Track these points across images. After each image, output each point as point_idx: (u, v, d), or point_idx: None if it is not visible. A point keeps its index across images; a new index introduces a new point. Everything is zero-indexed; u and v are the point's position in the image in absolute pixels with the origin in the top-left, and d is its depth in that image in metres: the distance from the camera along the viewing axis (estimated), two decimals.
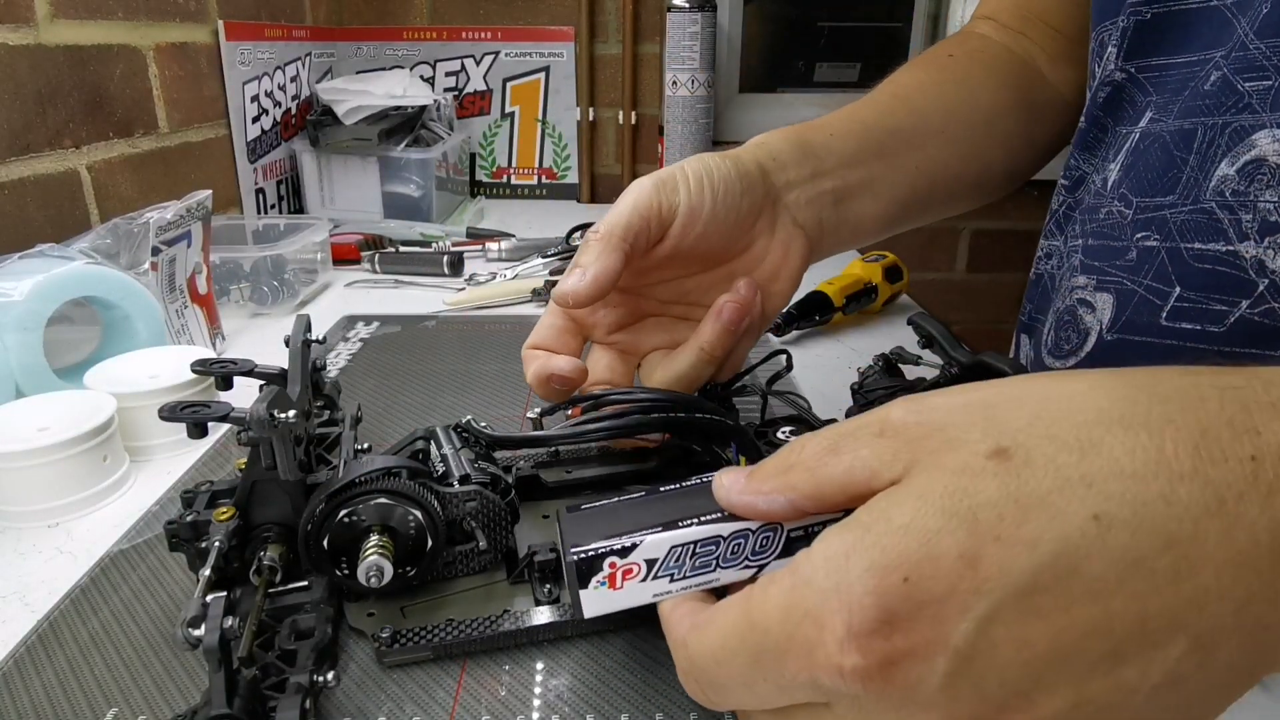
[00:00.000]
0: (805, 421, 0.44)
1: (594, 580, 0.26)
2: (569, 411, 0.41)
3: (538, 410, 0.41)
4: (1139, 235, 0.47)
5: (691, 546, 0.26)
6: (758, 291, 0.43)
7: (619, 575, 0.26)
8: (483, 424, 0.40)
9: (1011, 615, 0.19)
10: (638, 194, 0.40)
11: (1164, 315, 0.46)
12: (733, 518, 0.26)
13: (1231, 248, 0.43)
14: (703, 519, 0.26)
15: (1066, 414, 0.20)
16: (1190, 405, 0.20)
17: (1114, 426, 0.20)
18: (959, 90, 0.56)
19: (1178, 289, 0.45)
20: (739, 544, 0.26)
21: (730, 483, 0.26)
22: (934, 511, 0.19)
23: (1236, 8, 0.42)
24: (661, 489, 0.30)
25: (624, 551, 0.26)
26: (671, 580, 0.26)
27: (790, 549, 0.26)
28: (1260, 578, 0.19)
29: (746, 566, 0.26)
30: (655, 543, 0.26)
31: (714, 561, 0.26)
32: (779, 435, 0.41)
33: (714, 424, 0.39)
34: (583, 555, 0.26)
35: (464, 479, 0.36)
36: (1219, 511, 0.18)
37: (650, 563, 0.26)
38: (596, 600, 0.26)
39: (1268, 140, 0.41)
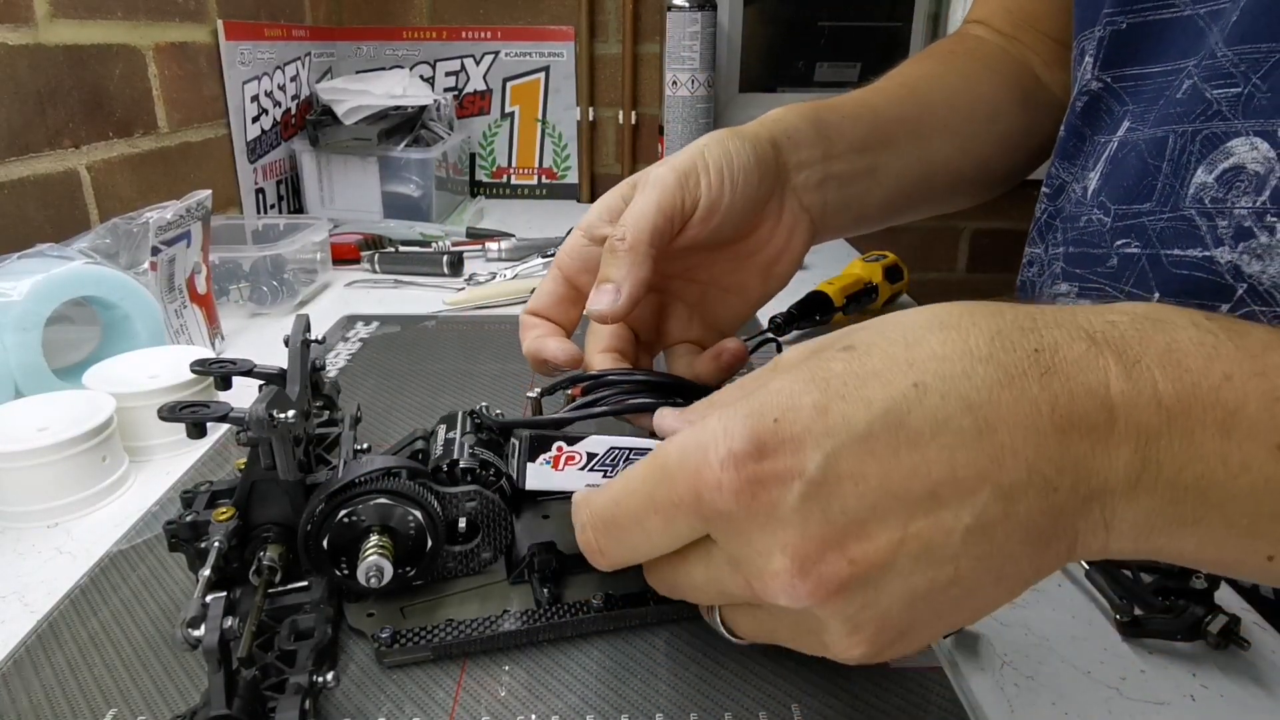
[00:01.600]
0: None
1: (542, 457, 0.30)
2: (570, 391, 0.41)
3: (539, 390, 0.41)
4: (1119, 242, 0.48)
5: (626, 452, 0.31)
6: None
7: (562, 459, 0.30)
8: (497, 411, 0.41)
9: (852, 453, 0.23)
10: (661, 191, 0.39)
11: None
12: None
13: (1207, 253, 0.43)
14: (641, 439, 0.31)
15: (897, 325, 0.26)
16: (991, 315, 0.25)
17: (932, 329, 0.25)
18: (963, 85, 0.56)
19: (1157, 295, 0.46)
20: None
21: (667, 412, 0.31)
22: (798, 379, 0.25)
23: (1210, 17, 0.43)
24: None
25: (572, 440, 0.30)
26: (603, 477, 0.30)
27: None
28: (1043, 439, 0.23)
29: None
30: (598, 440, 0.30)
31: None
32: None
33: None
34: (538, 434, 0.30)
35: (452, 464, 0.36)
36: (1008, 384, 0.23)
37: (590, 455, 0.30)
38: (538, 475, 0.30)
39: (1245, 148, 0.41)
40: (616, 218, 0.41)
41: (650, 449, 0.30)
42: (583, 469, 0.30)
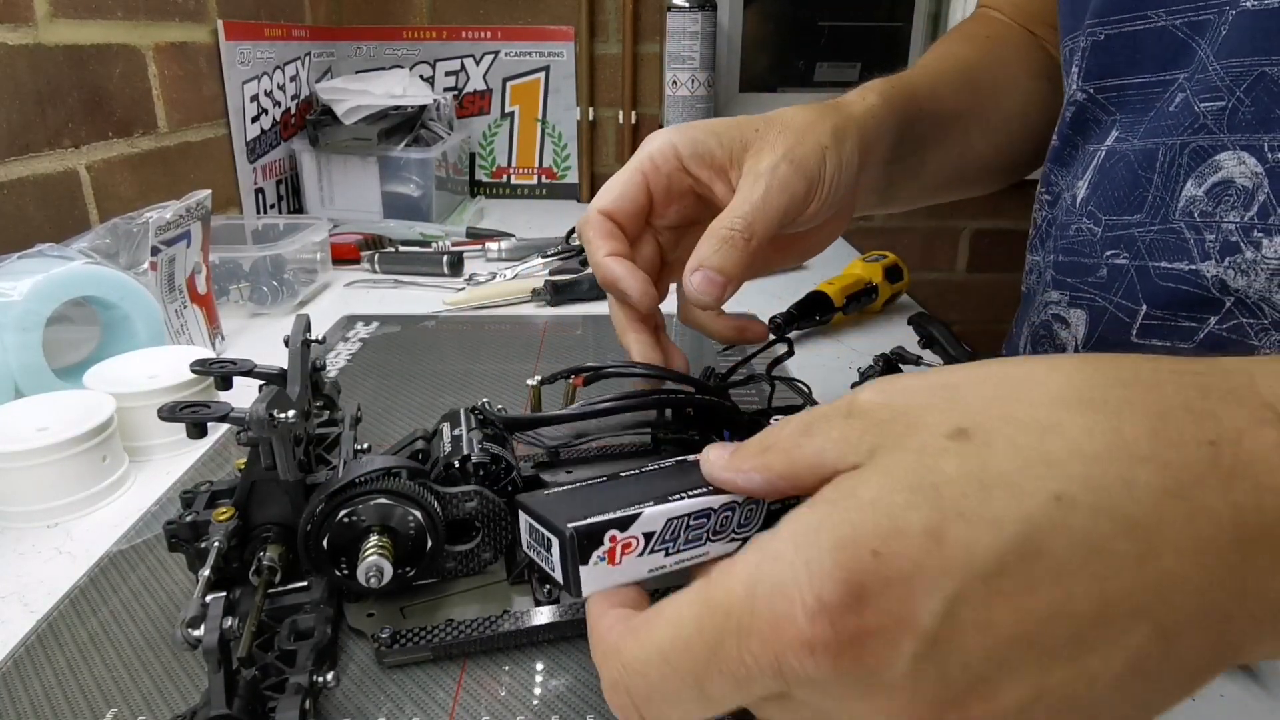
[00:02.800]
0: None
1: (595, 555, 0.25)
2: (571, 380, 0.41)
3: (539, 379, 0.41)
4: (1109, 253, 0.48)
5: (686, 519, 0.26)
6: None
7: (618, 550, 0.25)
8: (499, 407, 0.41)
9: (977, 596, 0.18)
10: (790, 198, 0.37)
11: (1134, 332, 0.47)
12: (719, 491, 0.26)
13: (1194, 267, 0.43)
14: (692, 493, 0.26)
15: (1024, 395, 0.20)
16: (1148, 388, 0.20)
17: (1071, 407, 0.20)
18: (1004, 76, 0.56)
19: (1145, 306, 0.46)
20: (727, 516, 0.26)
21: (715, 457, 0.26)
22: (899, 487, 0.19)
23: (1190, 29, 0.42)
24: (622, 474, 0.30)
25: (624, 524, 0.25)
26: (666, 554, 0.26)
27: (770, 522, 0.26)
28: (1223, 563, 0.18)
29: (733, 539, 0.27)
30: (653, 515, 0.25)
31: (704, 534, 0.26)
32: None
33: (713, 406, 0.39)
34: (583, 528, 0.25)
35: (464, 460, 0.36)
36: (1179, 495, 0.18)
37: (648, 536, 0.25)
38: (596, 577, 0.25)
39: (1233, 162, 0.41)
40: (716, 168, 0.39)
41: (711, 506, 0.26)
42: (642, 554, 0.26)
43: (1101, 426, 0.19)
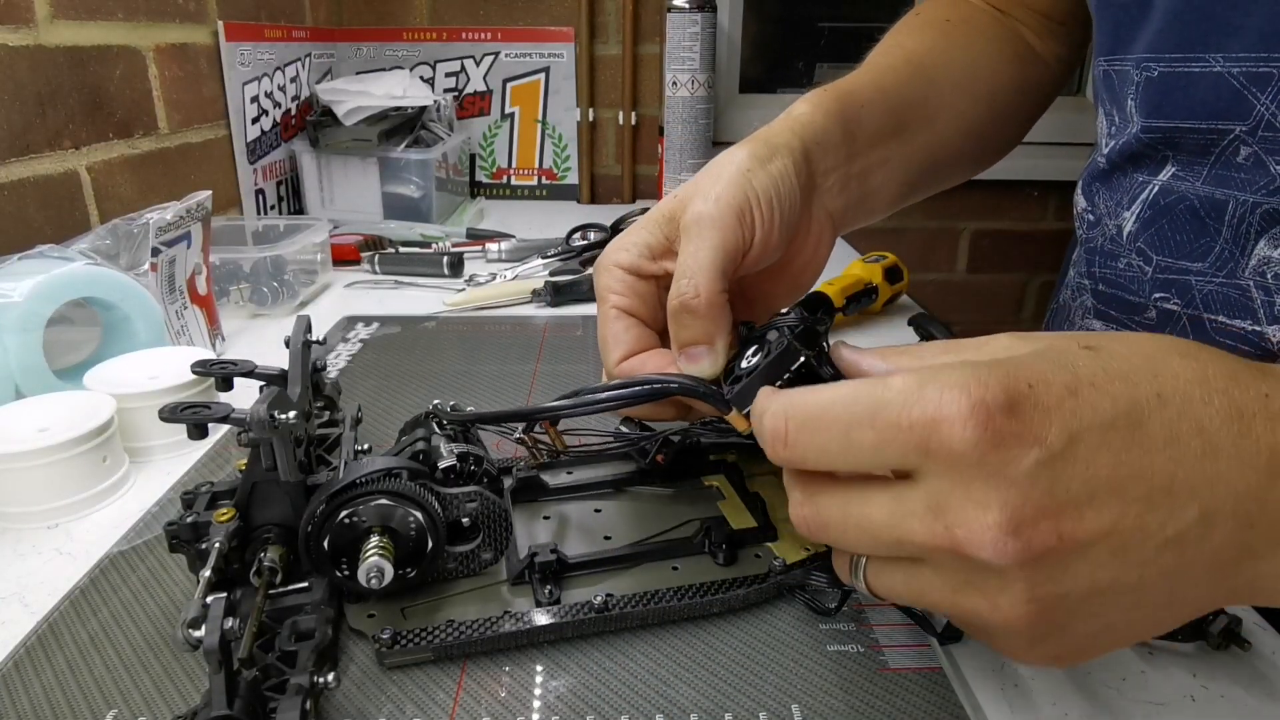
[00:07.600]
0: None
1: None
2: (541, 425, 0.41)
3: (522, 426, 0.41)
4: (1157, 295, 0.47)
5: None
6: None
7: None
8: (450, 404, 0.40)
9: (1092, 439, 0.24)
10: (722, 234, 0.37)
11: None
12: None
13: (1258, 328, 0.43)
14: None
15: (1139, 341, 0.27)
16: (1224, 356, 0.26)
17: (1173, 354, 0.26)
18: (965, 60, 0.54)
19: None
20: None
21: (871, 359, 0.33)
22: (1045, 358, 0.26)
23: (1249, 79, 0.41)
24: None
25: None
26: None
27: None
28: (1257, 480, 0.24)
29: None
30: None
31: None
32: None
33: (708, 394, 0.35)
34: None
35: (464, 458, 0.36)
36: (1238, 419, 0.25)
37: None
38: None
39: None
40: (659, 255, 0.39)
41: None
42: None
43: (1192, 366, 0.26)
